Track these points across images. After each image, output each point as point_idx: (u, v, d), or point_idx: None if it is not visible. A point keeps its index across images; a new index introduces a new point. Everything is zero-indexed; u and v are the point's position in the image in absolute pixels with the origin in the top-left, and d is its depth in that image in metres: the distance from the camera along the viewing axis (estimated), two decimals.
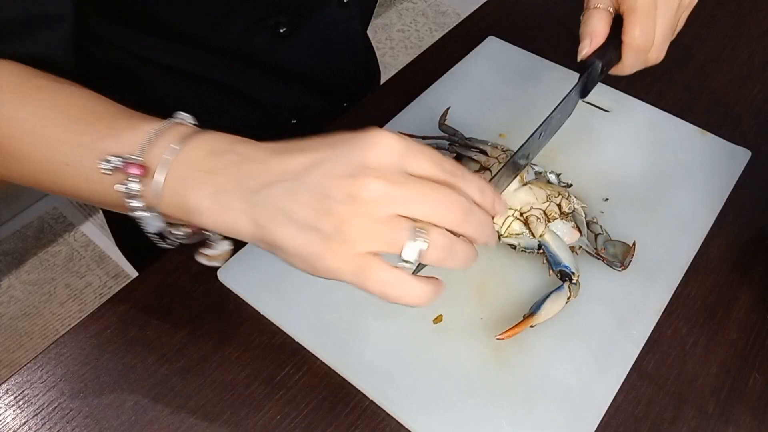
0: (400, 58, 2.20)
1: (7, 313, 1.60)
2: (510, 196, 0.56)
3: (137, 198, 0.39)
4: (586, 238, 0.56)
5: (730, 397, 0.51)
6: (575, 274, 0.53)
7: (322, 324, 0.54)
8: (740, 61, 0.78)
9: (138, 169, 0.39)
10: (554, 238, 0.55)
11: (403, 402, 0.49)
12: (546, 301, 0.52)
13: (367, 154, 0.36)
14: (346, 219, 0.34)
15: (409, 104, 0.71)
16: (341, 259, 0.35)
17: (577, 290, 0.53)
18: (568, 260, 0.53)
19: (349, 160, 0.36)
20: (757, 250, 0.59)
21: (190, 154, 0.39)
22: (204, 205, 0.38)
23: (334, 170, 0.36)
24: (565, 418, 0.48)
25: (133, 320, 0.55)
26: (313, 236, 0.35)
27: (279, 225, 0.36)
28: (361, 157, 0.36)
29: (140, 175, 0.39)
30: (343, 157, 0.36)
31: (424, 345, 0.52)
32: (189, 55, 0.64)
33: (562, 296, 0.52)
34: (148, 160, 0.39)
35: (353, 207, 0.35)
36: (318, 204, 0.35)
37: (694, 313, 0.55)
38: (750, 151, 0.67)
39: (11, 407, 0.51)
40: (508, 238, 0.56)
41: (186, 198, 0.38)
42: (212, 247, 0.45)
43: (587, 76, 0.55)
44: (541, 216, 0.55)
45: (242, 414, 0.50)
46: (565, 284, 0.52)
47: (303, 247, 0.35)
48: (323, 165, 0.36)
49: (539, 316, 0.51)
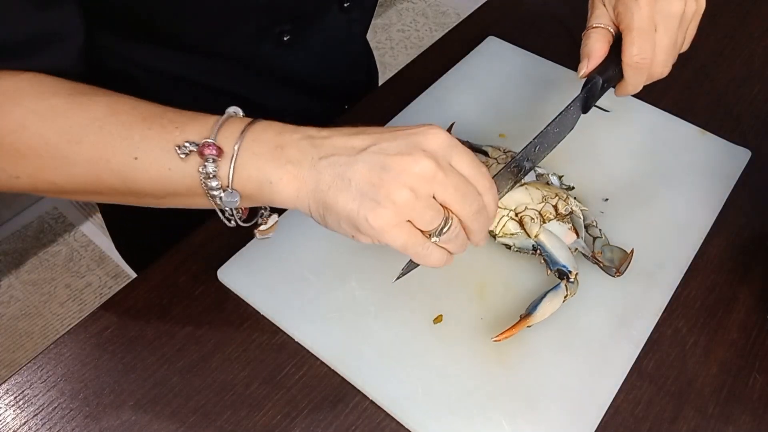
0: (400, 58, 2.20)
1: (7, 313, 1.60)
2: (505, 196, 0.56)
3: (214, 178, 0.43)
4: (583, 241, 0.56)
5: (730, 397, 0.51)
6: (572, 272, 0.53)
7: (322, 324, 0.54)
8: (740, 61, 0.78)
9: (214, 149, 0.42)
10: (550, 237, 0.54)
11: (403, 402, 0.49)
12: (542, 301, 0.52)
13: (421, 140, 0.43)
14: (395, 190, 0.41)
15: (409, 104, 0.71)
16: (384, 222, 0.41)
17: (575, 288, 0.53)
18: (566, 259, 0.53)
19: (405, 142, 0.43)
20: (757, 250, 0.59)
21: (260, 134, 0.44)
22: (276, 175, 0.42)
23: (391, 149, 0.42)
24: (565, 417, 0.48)
25: (133, 320, 0.55)
26: (366, 201, 0.41)
27: (338, 189, 0.42)
28: (416, 141, 0.43)
29: (216, 155, 0.42)
30: (400, 139, 0.43)
31: (424, 345, 0.52)
32: (191, 64, 0.64)
33: (559, 295, 0.52)
34: (221, 143, 0.43)
35: (403, 180, 0.41)
36: (374, 175, 0.41)
37: (694, 313, 0.55)
38: (750, 151, 0.67)
39: (11, 407, 0.51)
40: (503, 238, 0.56)
41: (260, 170, 0.43)
42: (265, 222, 0.50)
43: (588, 92, 0.56)
44: (536, 216, 0.55)
45: (242, 414, 0.50)
46: (562, 283, 0.52)
47: (354, 210, 0.41)
48: (382, 144, 0.43)
49: (536, 317, 0.51)
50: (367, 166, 0.42)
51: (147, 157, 0.44)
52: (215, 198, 0.44)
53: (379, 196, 0.41)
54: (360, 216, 0.41)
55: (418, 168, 0.41)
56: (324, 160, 0.42)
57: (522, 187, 0.57)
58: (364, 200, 0.41)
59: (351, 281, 0.56)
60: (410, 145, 0.42)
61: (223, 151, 0.43)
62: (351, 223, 0.42)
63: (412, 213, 0.42)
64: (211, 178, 0.43)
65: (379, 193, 0.41)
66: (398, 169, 0.41)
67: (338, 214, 0.42)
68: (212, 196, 0.43)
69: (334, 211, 0.42)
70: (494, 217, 0.46)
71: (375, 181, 0.41)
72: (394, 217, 0.41)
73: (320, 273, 0.57)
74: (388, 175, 0.41)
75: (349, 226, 0.42)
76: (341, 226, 0.43)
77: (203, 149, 0.42)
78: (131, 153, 0.44)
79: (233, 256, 0.58)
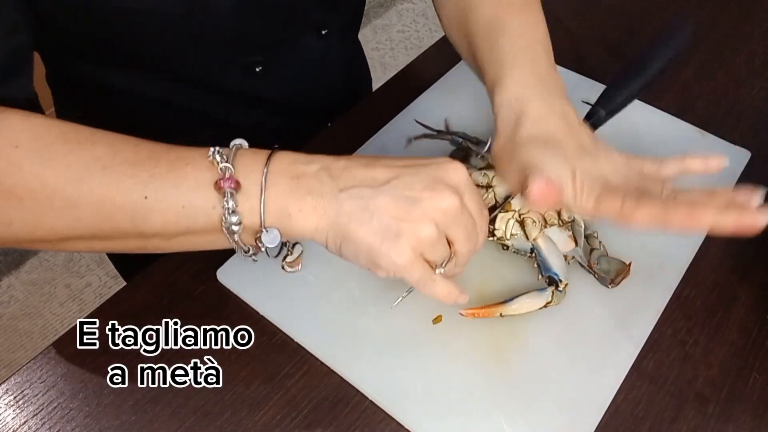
0: (400, 59, 2.20)
1: (7, 313, 1.60)
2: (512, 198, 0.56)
3: (234, 213, 0.41)
4: (581, 250, 0.56)
5: (730, 397, 0.51)
6: (562, 282, 0.52)
7: (322, 324, 0.54)
8: (740, 61, 0.78)
9: (233, 182, 0.41)
10: (547, 243, 0.54)
11: (403, 402, 0.49)
12: (522, 296, 0.52)
13: (443, 175, 0.43)
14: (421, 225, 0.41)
15: (409, 104, 0.71)
16: (406, 258, 0.41)
17: (561, 298, 0.53)
18: (558, 267, 0.53)
19: (428, 176, 0.42)
20: (757, 250, 0.59)
21: (275, 165, 0.42)
22: (296, 206, 0.42)
23: (415, 183, 0.42)
24: (565, 418, 0.48)
25: (133, 320, 0.55)
26: (389, 235, 0.41)
27: (360, 222, 0.41)
28: (438, 176, 0.42)
29: (235, 188, 0.41)
30: (422, 173, 0.43)
31: (424, 345, 0.52)
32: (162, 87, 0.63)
33: (541, 298, 0.52)
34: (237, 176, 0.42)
35: (431, 214, 0.41)
36: (400, 209, 0.41)
37: (694, 313, 0.55)
38: (749, 151, 0.67)
39: (11, 407, 0.51)
40: (502, 238, 0.56)
41: (278, 202, 0.42)
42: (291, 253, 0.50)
43: (591, 124, 0.57)
44: (538, 220, 0.55)
45: (242, 414, 0.50)
46: (549, 288, 0.52)
47: (377, 244, 0.41)
48: (405, 177, 0.42)
49: (509, 308, 0.52)
50: (391, 199, 0.41)
51: (157, 195, 0.41)
52: (234, 234, 0.42)
53: (403, 229, 0.41)
54: (382, 250, 0.41)
55: (444, 204, 0.42)
56: (345, 192, 0.42)
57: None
58: (387, 234, 0.41)
59: (351, 281, 0.56)
60: (434, 179, 0.42)
61: (241, 185, 0.41)
62: (370, 257, 0.42)
63: (430, 248, 0.42)
64: (231, 213, 0.41)
65: (404, 227, 0.41)
66: (425, 204, 0.41)
67: (358, 246, 0.42)
68: (231, 232, 0.42)
69: (354, 243, 0.42)
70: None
71: (400, 215, 0.41)
72: (414, 252, 0.41)
73: (320, 273, 0.57)
74: (416, 209, 0.41)
75: (368, 259, 0.42)
76: (358, 258, 0.43)
77: (221, 182, 0.41)
78: (140, 192, 0.41)
79: (233, 256, 0.58)
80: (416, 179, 0.42)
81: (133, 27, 0.55)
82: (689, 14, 0.83)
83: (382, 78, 0.77)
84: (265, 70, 0.64)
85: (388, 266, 0.42)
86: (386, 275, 0.43)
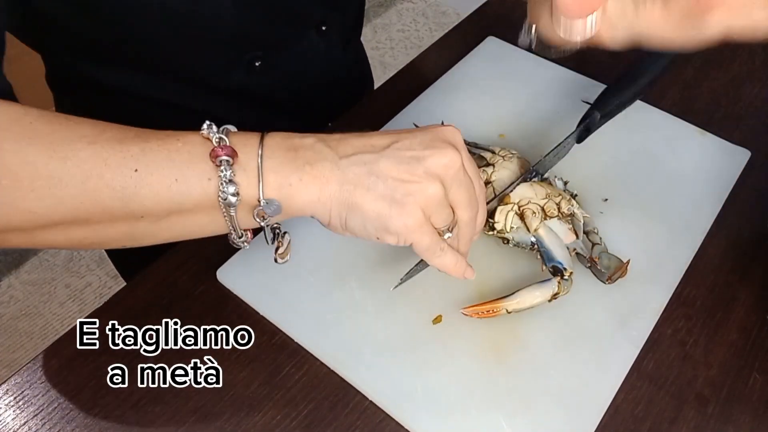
0: (400, 58, 2.20)
1: (7, 313, 1.60)
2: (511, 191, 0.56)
3: (231, 183, 0.39)
4: (581, 242, 0.56)
5: (730, 397, 0.51)
6: (567, 270, 0.52)
7: (322, 324, 0.54)
8: (740, 61, 0.78)
9: (229, 150, 0.39)
10: (549, 233, 0.54)
11: (403, 402, 0.49)
12: (525, 288, 0.52)
13: (440, 134, 0.43)
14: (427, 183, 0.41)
15: (409, 104, 0.71)
16: (415, 219, 0.41)
17: (568, 287, 0.52)
18: (562, 256, 0.53)
19: (427, 137, 0.43)
20: (757, 250, 0.59)
21: (270, 140, 0.41)
22: (296, 176, 0.41)
23: (414, 144, 0.42)
24: (565, 418, 0.48)
25: (134, 320, 0.55)
26: (397, 198, 0.41)
27: (366, 187, 0.41)
28: (436, 135, 0.43)
29: (231, 156, 0.39)
30: (420, 135, 0.43)
31: (424, 345, 0.52)
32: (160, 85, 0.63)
33: (546, 289, 0.52)
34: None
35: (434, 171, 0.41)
36: (403, 170, 0.41)
37: (694, 313, 0.55)
38: (749, 151, 0.67)
39: (11, 407, 0.51)
40: (502, 232, 0.56)
41: (277, 174, 0.40)
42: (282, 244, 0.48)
43: (585, 126, 0.59)
44: (538, 211, 0.55)
45: (242, 414, 0.50)
46: (554, 279, 0.52)
47: (385, 208, 0.41)
48: (403, 141, 0.42)
49: (511, 302, 0.51)
50: (394, 161, 0.41)
51: (148, 168, 0.39)
52: (231, 208, 0.40)
53: (410, 190, 0.41)
54: (392, 213, 0.41)
55: (447, 159, 0.42)
56: (346, 159, 0.41)
57: (526, 182, 0.57)
58: (395, 196, 0.41)
59: (350, 281, 0.56)
60: (433, 138, 0.43)
61: (238, 155, 0.40)
62: (379, 223, 0.41)
63: (438, 208, 0.42)
64: (228, 183, 0.39)
65: (411, 188, 0.41)
66: (428, 161, 0.41)
67: (365, 213, 0.41)
68: (228, 205, 0.40)
69: (361, 210, 0.41)
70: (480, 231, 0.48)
71: (405, 176, 0.41)
72: (423, 213, 0.41)
73: (320, 273, 0.57)
74: (420, 168, 0.41)
75: (376, 226, 0.42)
76: (365, 227, 0.42)
77: (216, 150, 0.39)
78: (130, 165, 0.39)
79: (233, 256, 0.58)
80: (416, 141, 0.42)
81: (135, 24, 0.55)
82: None
83: (382, 78, 0.77)
84: (266, 67, 0.64)
85: (398, 229, 0.41)
86: (396, 242, 0.42)
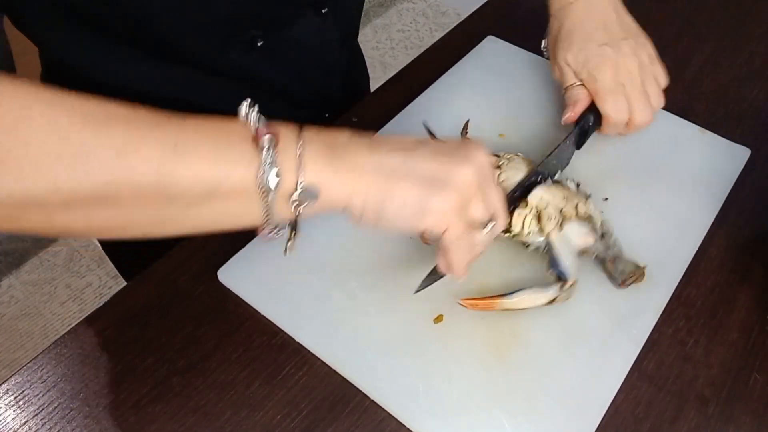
0: (400, 58, 2.20)
1: (7, 313, 1.60)
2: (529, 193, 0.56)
3: (273, 165, 0.38)
4: (601, 245, 0.55)
5: (730, 397, 0.51)
6: (568, 281, 0.52)
7: (322, 324, 0.54)
8: (740, 61, 0.78)
9: (272, 134, 0.39)
10: (561, 240, 0.54)
11: (404, 402, 0.49)
12: (524, 290, 0.52)
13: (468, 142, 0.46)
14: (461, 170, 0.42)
15: (410, 104, 0.71)
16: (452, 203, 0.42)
17: (567, 295, 0.53)
18: (568, 266, 0.53)
19: (454, 143, 0.45)
20: (757, 250, 0.59)
21: (307, 131, 0.41)
22: (331, 168, 0.41)
23: (443, 147, 0.44)
24: (566, 417, 0.48)
25: (133, 320, 0.55)
26: (434, 182, 0.42)
27: (402, 175, 0.42)
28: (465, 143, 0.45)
29: (275, 137, 0.39)
30: (449, 142, 0.45)
31: (425, 345, 0.52)
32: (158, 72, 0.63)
33: (545, 294, 0.52)
34: None
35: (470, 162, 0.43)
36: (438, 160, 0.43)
37: (694, 313, 0.55)
38: (749, 149, 0.67)
39: (11, 407, 0.51)
40: (521, 236, 0.55)
41: (315, 163, 0.40)
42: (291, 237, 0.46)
43: (581, 129, 0.62)
44: (555, 214, 0.55)
45: (242, 414, 0.50)
46: (555, 285, 0.52)
47: (423, 191, 0.42)
48: (432, 145, 0.44)
49: (509, 301, 0.52)
50: (429, 153, 0.43)
51: (188, 144, 0.37)
52: (269, 194, 0.39)
53: (451, 173, 0.42)
54: (432, 192, 0.42)
55: (479, 159, 0.44)
56: (381, 153, 0.42)
57: (544, 185, 0.57)
58: (434, 181, 0.42)
59: (351, 281, 0.56)
60: (462, 144, 0.45)
61: (281, 137, 0.39)
62: (419, 205, 0.42)
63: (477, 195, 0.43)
64: (270, 165, 0.38)
65: (451, 171, 0.42)
66: (461, 155, 0.43)
67: (404, 197, 0.42)
68: (267, 191, 0.39)
69: (399, 195, 0.42)
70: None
71: (443, 161, 0.42)
72: (459, 200, 0.42)
73: (320, 273, 0.57)
74: (453, 159, 0.43)
75: (414, 210, 0.42)
76: (401, 213, 0.42)
77: (261, 132, 0.39)
78: (169, 142, 0.37)
79: (233, 257, 0.58)
80: (444, 145, 0.44)
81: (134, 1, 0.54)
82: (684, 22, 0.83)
83: (382, 78, 0.77)
84: (266, 47, 0.64)
85: (439, 208, 0.42)
86: (431, 225, 0.43)
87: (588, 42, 0.62)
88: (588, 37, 0.62)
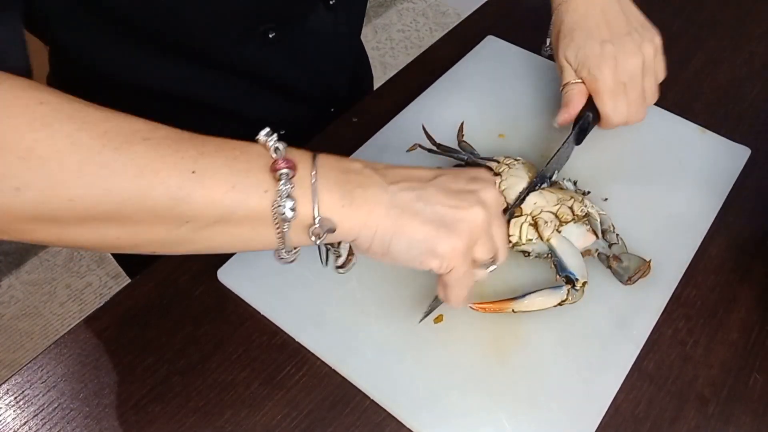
0: (400, 58, 2.20)
1: (8, 313, 1.60)
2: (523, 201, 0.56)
3: (288, 198, 0.39)
4: (603, 243, 0.55)
5: (730, 397, 0.51)
6: (579, 281, 0.52)
7: (322, 324, 0.54)
8: (740, 61, 0.78)
9: (290, 164, 0.39)
10: (562, 242, 0.54)
11: (404, 401, 0.49)
12: (535, 293, 0.52)
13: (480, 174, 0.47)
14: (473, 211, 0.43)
15: (410, 104, 0.71)
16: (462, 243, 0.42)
17: (578, 296, 0.53)
18: (575, 266, 0.53)
19: (467, 175, 0.46)
20: (757, 250, 0.59)
21: (322, 159, 0.42)
22: (347, 200, 0.41)
23: (457, 179, 0.45)
24: (566, 417, 0.48)
25: (133, 320, 0.55)
26: (444, 222, 0.42)
27: (414, 212, 0.42)
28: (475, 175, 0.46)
29: (293, 170, 0.39)
30: (462, 174, 0.46)
31: (425, 345, 0.52)
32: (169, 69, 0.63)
33: (556, 296, 0.52)
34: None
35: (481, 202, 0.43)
36: (450, 198, 0.43)
37: (694, 313, 0.55)
38: (749, 148, 0.67)
39: (11, 407, 0.51)
40: (521, 245, 0.55)
41: (331, 193, 0.41)
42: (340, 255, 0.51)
43: (580, 126, 0.62)
44: (551, 219, 0.55)
45: (242, 414, 0.50)
46: (565, 287, 0.52)
47: (432, 231, 0.42)
48: (447, 176, 0.45)
49: (521, 303, 0.52)
50: (442, 190, 0.43)
51: (206, 172, 0.38)
52: (285, 223, 0.39)
53: (461, 216, 0.43)
54: (440, 236, 0.42)
55: (491, 195, 0.45)
56: (395, 185, 0.43)
57: (537, 191, 0.57)
58: (445, 220, 0.42)
59: (351, 281, 0.56)
60: (473, 177, 0.46)
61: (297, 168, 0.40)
62: (427, 245, 0.42)
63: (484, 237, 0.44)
64: (286, 197, 0.39)
65: (459, 214, 0.43)
66: (474, 195, 0.44)
67: (413, 236, 0.42)
68: (284, 220, 0.39)
69: (409, 233, 0.42)
70: None
71: (454, 203, 0.43)
72: (470, 241, 0.43)
73: (320, 273, 0.57)
74: (468, 197, 0.43)
75: (422, 250, 0.42)
76: (409, 251, 0.42)
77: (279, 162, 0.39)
78: (188, 166, 0.37)
79: (233, 256, 0.58)
80: (458, 177, 0.45)
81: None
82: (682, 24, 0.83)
83: (382, 78, 0.77)
84: (277, 38, 0.64)
85: (445, 252, 0.42)
86: (438, 266, 0.43)
87: (589, 39, 0.61)
88: (589, 34, 0.61)
